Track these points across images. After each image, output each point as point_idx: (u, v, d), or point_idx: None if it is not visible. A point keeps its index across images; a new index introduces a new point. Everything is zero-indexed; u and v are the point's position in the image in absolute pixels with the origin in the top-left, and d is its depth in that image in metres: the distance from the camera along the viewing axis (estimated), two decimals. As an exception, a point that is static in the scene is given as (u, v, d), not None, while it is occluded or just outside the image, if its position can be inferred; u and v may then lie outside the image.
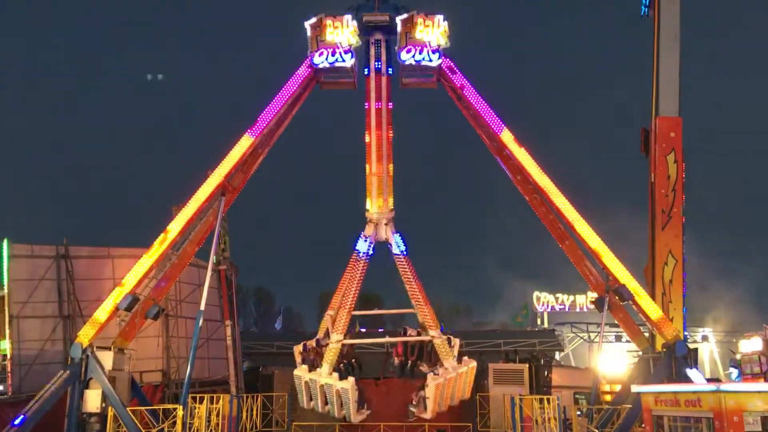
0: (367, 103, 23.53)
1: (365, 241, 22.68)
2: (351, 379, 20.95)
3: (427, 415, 21.29)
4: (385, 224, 22.90)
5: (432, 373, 21.24)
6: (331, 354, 21.19)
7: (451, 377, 21.34)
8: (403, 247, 22.70)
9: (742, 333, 36.10)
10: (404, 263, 22.61)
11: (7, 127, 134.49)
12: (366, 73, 23.71)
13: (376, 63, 23.65)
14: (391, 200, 23.13)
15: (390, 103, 23.49)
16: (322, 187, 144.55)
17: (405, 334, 23.74)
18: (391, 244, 22.89)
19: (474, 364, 22.42)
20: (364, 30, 23.68)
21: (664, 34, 24.12)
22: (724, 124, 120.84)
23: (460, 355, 23.10)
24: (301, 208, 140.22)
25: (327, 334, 22.77)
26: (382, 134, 23.19)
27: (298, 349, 22.80)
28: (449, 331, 36.01)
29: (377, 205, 22.93)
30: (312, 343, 22.93)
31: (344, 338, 21.83)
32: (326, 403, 21.50)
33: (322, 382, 21.02)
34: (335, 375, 20.93)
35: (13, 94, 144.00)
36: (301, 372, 21.59)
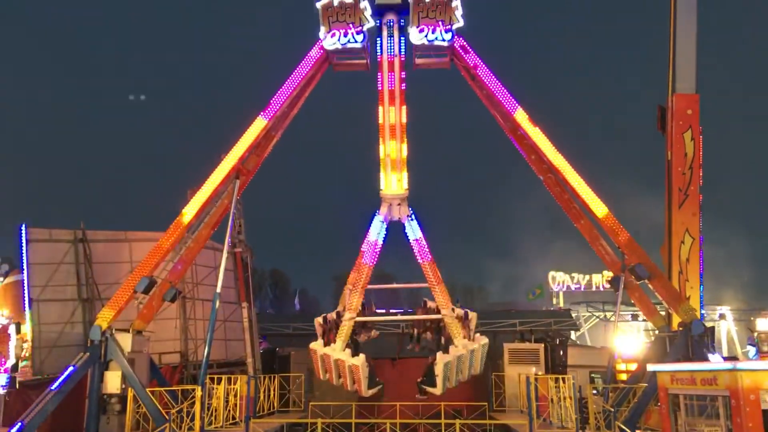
0: (380, 85, 23.21)
1: (382, 222, 22.41)
2: (362, 356, 21.08)
3: (437, 391, 21.27)
4: (398, 204, 22.60)
5: (441, 352, 21.15)
6: (344, 331, 21.32)
7: (461, 354, 21.18)
8: (419, 234, 22.19)
9: (760, 311, 35.86)
10: (421, 246, 22.13)
11: (28, 112, 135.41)
12: (379, 52, 23.20)
13: (389, 44, 23.09)
14: (405, 179, 22.71)
15: (403, 84, 23.04)
16: (337, 169, 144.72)
17: (425, 306, 23.56)
18: (405, 226, 22.60)
19: (485, 341, 22.15)
20: (377, 12, 23.34)
21: (681, 10, 23.73)
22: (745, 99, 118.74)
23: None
24: (316, 190, 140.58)
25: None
26: (396, 114, 22.70)
27: (318, 321, 22.96)
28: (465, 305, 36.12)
29: (389, 185, 22.58)
30: (332, 315, 22.98)
31: (359, 316, 21.88)
32: (339, 377, 21.75)
33: (335, 357, 21.21)
34: (347, 351, 21.07)
35: (35, 80, 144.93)
36: (317, 347, 21.82)
